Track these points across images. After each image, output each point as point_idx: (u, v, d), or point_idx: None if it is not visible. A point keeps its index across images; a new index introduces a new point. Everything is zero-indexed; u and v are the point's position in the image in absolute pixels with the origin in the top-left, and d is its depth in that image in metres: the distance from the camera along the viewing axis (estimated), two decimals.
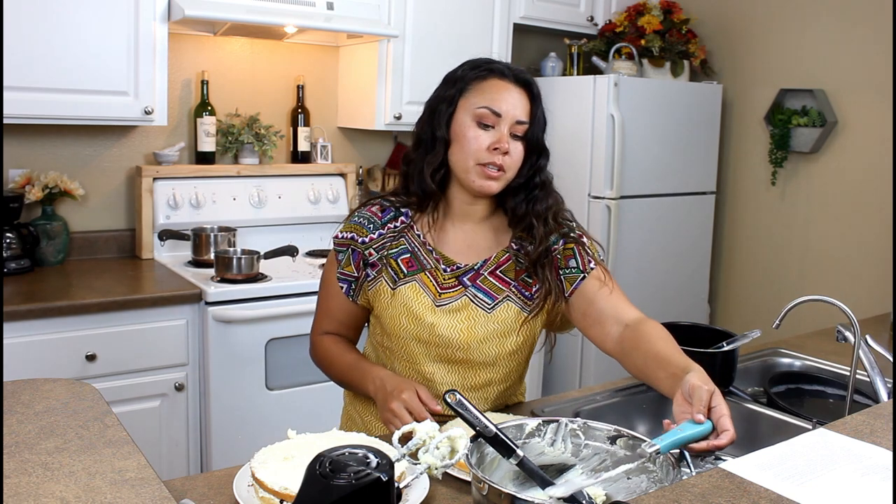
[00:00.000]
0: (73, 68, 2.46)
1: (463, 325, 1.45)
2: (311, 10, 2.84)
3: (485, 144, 1.41)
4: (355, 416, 1.61)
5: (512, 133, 1.42)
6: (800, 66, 3.50)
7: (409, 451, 1.01)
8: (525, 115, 1.43)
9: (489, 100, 1.42)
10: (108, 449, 1.05)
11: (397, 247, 1.48)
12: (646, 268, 3.50)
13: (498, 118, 1.41)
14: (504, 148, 1.40)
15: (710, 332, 1.81)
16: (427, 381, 1.48)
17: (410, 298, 1.45)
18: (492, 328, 1.46)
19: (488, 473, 1.13)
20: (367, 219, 1.50)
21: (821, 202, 3.48)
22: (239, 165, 3.07)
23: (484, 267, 1.48)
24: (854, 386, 1.57)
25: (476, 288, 1.47)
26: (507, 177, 1.44)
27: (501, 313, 1.46)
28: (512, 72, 1.46)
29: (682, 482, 0.95)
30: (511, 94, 1.43)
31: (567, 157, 3.45)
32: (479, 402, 1.50)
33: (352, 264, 1.49)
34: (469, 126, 1.42)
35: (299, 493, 0.86)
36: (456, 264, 1.48)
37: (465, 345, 1.45)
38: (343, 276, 1.50)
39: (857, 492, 0.93)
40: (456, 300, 1.45)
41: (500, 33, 3.35)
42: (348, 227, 1.51)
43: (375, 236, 1.48)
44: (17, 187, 2.64)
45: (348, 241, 1.50)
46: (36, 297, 2.32)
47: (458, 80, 1.47)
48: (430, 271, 1.47)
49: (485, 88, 1.44)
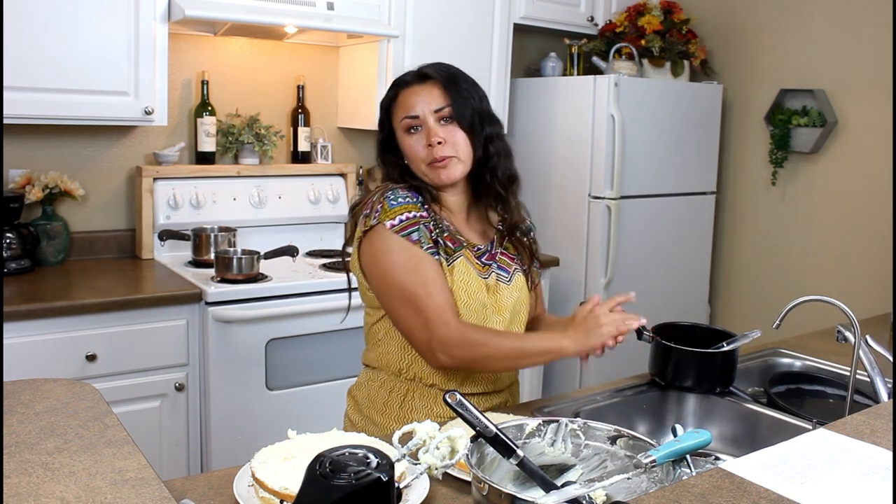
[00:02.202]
0: (73, 68, 2.46)
1: (495, 296, 1.56)
2: (311, 10, 2.84)
3: (420, 148, 1.53)
4: (358, 420, 1.62)
5: (441, 119, 1.53)
6: (800, 66, 3.50)
7: (409, 451, 1.01)
8: (440, 102, 1.53)
9: (404, 108, 1.54)
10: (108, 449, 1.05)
11: (439, 226, 1.54)
12: (646, 268, 3.50)
13: (417, 119, 1.53)
14: (434, 141, 1.51)
15: (710, 332, 1.81)
16: None
17: (464, 273, 1.53)
18: (515, 297, 1.59)
19: (488, 473, 1.13)
20: (409, 198, 1.51)
21: (821, 202, 3.48)
22: (239, 165, 3.07)
23: (494, 246, 1.62)
24: (854, 386, 1.57)
25: (496, 265, 1.60)
26: (460, 159, 1.54)
27: (517, 283, 1.61)
28: (414, 74, 1.57)
29: (682, 482, 0.95)
30: (417, 93, 1.54)
31: (567, 157, 3.45)
32: (504, 375, 1.62)
33: (430, 237, 1.50)
34: (403, 139, 1.55)
35: (299, 493, 0.86)
36: (476, 246, 1.59)
37: (500, 317, 1.56)
38: (431, 248, 1.49)
39: (857, 492, 0.93)
40: (489, 276, 1.58)
41: (500, 33, 3.35)
42: (403, 209, 1.49)
43: (424, 213, 1.52)
44: (17, 187, 2.64)
45: (416, 219, 1.49)
46: (36, 297, 2.32)
47: (382, 107, 1.60)
48: (468, 248, 1.57)
49: (399, 103, 1.56)
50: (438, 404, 1.55)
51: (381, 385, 1.59)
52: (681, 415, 1.70)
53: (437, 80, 1.54)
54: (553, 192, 3.52)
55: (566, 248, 3.46)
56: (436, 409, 1.55)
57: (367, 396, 1.61)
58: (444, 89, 1.54)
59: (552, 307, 3.44)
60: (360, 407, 1.63)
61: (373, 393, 1.60)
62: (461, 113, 1.53)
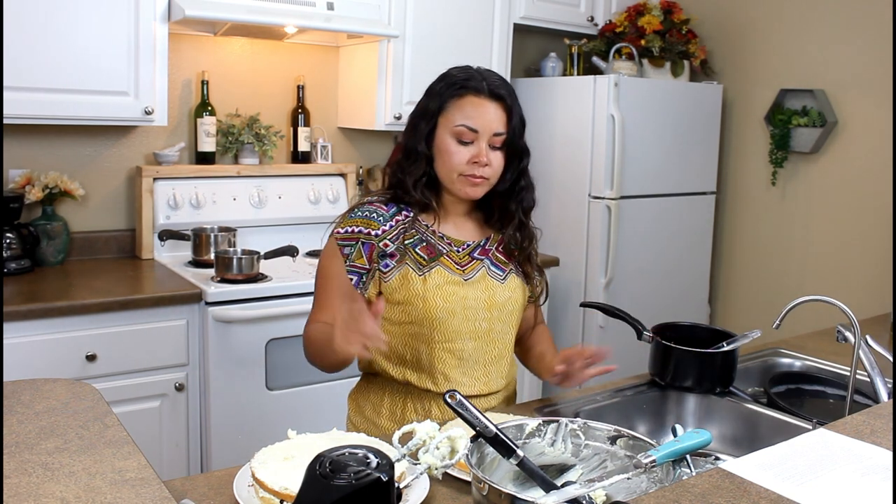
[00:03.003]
0: (73, 68, 2.46)
1: (485, 294, 1.56)
2: (311, 10, 2.84)
3: (465, 159, 1.51)
4: (360, 423, 1.62)
5: (491, 145, 1.52)
6: (800, 66, 3.50)
7: (409, 451, 1.01)
8: (502, 127, 1.53)
9: (466, 117, 1.51)
10: (108, 449, 1.05)
11: (412, 237, 1.54)
12: (646, 268, 3.50)
13: (475, 134, 1.51)
14: (483, 161, 1.51)
15: (710, 332, 1.81)
16: (458, 359, 1.55)
17: (440, 279, 1.53)
18: (507, 295, 1.59)
19: (488, 473, 1.13)
20: (375, 212, 1.55)
21: (821, 202, 3.48)
22: (239, 165, 3.07)
23: (489, 243, 1.62)
24: (854, 386, 1.57)
25: (489, 261, 1.60)
26: (490, 182, 1.55)
27: (511, 283, 1.61)
28: (487, 86, 1.53)
29: (682, 482, 0.95)
30: (487, 109, 1.52)
31: (567, 158, 3.45)
32: (497, 377, 1.61)
33: (363, 256, 1.53)
34: (449, 142, 1.52)
35: (299, 493, 0.86)
36: (465, 243, 1.60)
37: (488, 314, 1.56)
38: (354, 268, 1.54)
39: (857, 492, 0.93)
40: (477, 272, 1.57)
41: (500, 33, 3.35)
42: (354, 222, 1.55)
43: (388, 227, 1.54)
44: (17, 187, 2.64)
45: (356, 235, 1.54)
46: (36, 297, 2.32)
47: (437, 96, 1.55)
48: (448, 254, 1.56)
49: (461, 106, 1.52)
50: (436, 407, 1.56)
51: (379, 389, 1.61)
52: (681, 415, 1.70)
53: (506, 104, 1.53)
54: (553, 192, 3.52)
55: (566, 248, 3.46)
56: (434, 410, 1.56)
57: (367, 400, 1.63)
58: (508, 117, 1.53)
59: (552, 307, 3.44)
60: (361, 410, 1.64)
61: (372, 396, 1.62)
62: (512, 142, 1.55)
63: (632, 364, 1.85)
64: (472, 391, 1.57)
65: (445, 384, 1.55)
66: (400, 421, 1.57)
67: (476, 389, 1.57)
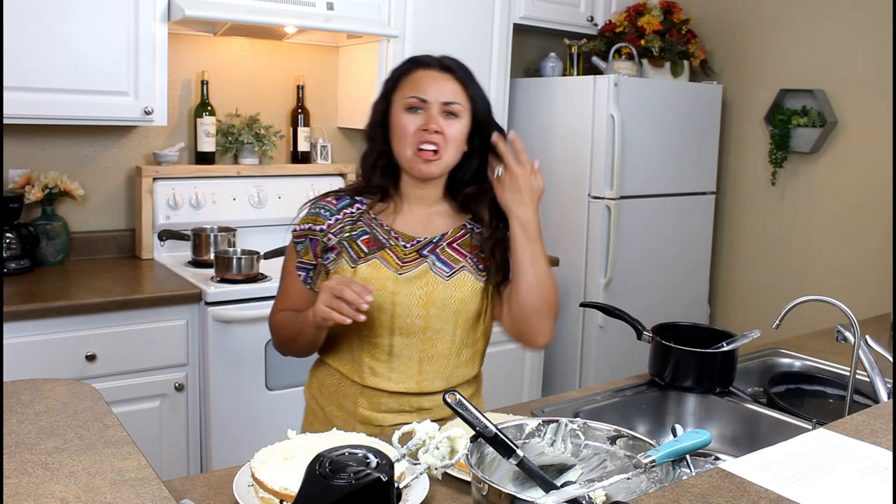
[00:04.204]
0: (73, 68, 2.46)
1: (422, 291, 1.51)
2: (311, 10, 2.84)
3: (415, 127, 1.49)
4: (317, 409, 1.62)
5: (446, 112, 1.50)
6: (800, 66, 3.50)
7: (409, 451, 1.01)
8: (453, 96, 1.51)
9: (415, 89, 1.51)
10: (108, 449, 1.05)
11: (356, 229, 1.54)
12: (646, 268, 3.50)
13: (425, 103, 1.50)
14: (433, 127, 1.48)
15: (710, 332, 1.81)
16: (387, 354, 1.53)
17: (371, 273, 1.50)
18: (449, 294, 1.52)
19: (488, 473, 1.13)
20: (323, 207, 1.56)
21: (821, 202, 3.48)
22: (239, 165, 3.07)
23: (442, 240, 1.56)
24: (854, 386, 1.57)
25: (435, 256, 1.54)
26: (445, 160, 1.51)
27: (459, 281, 1.53)
28: (437, 60, 1.54)
29: (682, 482, 0.95)
30: (435, 79, 1.52)
31: (567, 158, 3.45)
32: (433, 377, 1.55)
33: (310, 252, 1.55)
34: (400, 115, 1.51)
35: (299, 493, 0.86)
36: (415, 238, 1.55)
37: (424, 311, 1.51)
38: (302, 264, 1.57)
39: (857, 492, 0.93)
40: (418, 268, 1.52)
41: (500, 33, 3.35)
42: (305, 219, 1.57)
43: (332, 222, 1.54)
44: (17, 187, 2.64)
45: (306, 232, 1.56)
46: (36, 297, 2.32)
47: (390, 78, 1.57)
48: (391, 248, 1.53)
49: (411, 80, 1.53)
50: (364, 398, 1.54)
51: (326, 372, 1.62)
52: (680, 415, 1.70)
53: (457, 76, 1.53)
54: (553, 192, 3.52)
55: (566, 248, 3.46)
56: (361, 402, 1.54)
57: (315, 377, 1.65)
58: (461, 86, 1.52)
59: None
60: (309, 386, 1.66)
61: (319, 375, 1.64)
62: (477, 112, 1.53)
63: (632, 364, 1.86)
64: (400, 388, 1.53)
65: (372, 378, 1.53)
66: (339, 406, 1.57)
67: (405, 387, 1.53)
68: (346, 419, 1.56)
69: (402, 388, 1.53)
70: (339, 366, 1.58)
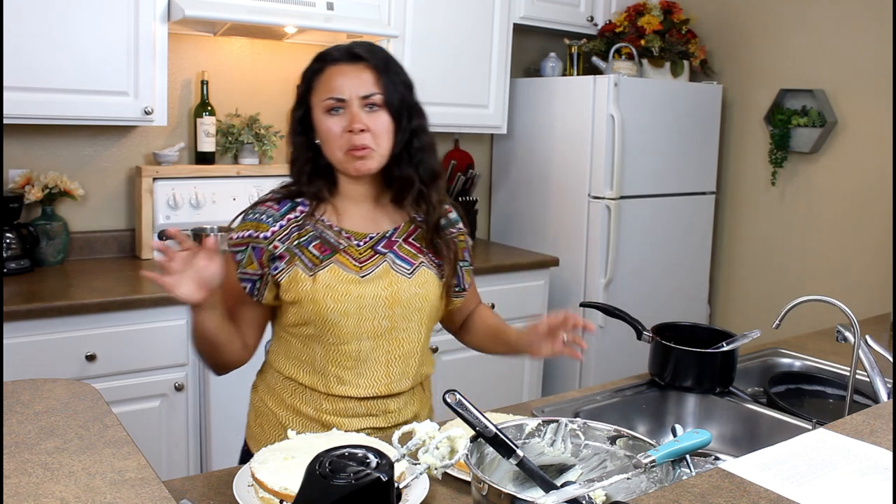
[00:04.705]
0: (73, 68, 2.46)
1: (387, 291, 1.46)
2: (311, 10, 2.84)
3: (339, 131, 1.43)
4: (268, 412, 1.55)
5: (367, 106, 1.43)
6: (800, 66, 3.50)
7: (409, 451, 1.01)
8: (370, 88, 1.43)
9: (329, 89, 1.44)
10: (107, 449, 1.05)
11: (305, 235, 1.45)
12: (646, 268, 3.50)
13: (343, 102, 1.43)
14: (357, 127, 1.41)
15: (710, 332, 1.81)
16: (354, 359, 1.46)
17: (332, 279, 1.43)
18: (413, 292, 1.48)
19: (488, 473, 1.13)
20: (264, 213, 1.47)
21: (821, 202, 3.48)
22: (239, 165, 3.07)
23: (396, 234, 1.51)
24: (854, 386, 1.57)
25: (394, 254, 1.49)
26: (379, 152, 1.45)
27: (420, 277, 1.50)
28: (346, 52, 1.46)
29: (682, 482, 0.95)
30: (347, 74, 1.44)
31: (567, 158, 3.45)
32: (401, 377, 1.50)
33: (254, 262, 1.45)
34: (323, 120, 1.44)
35: (299, 493, 0.86)
36: (368, 235, 1.49)
37: (390, 311, 1.46)
38: (245, 275, 1.46)
39: (857, 492, 0.93)
40: (377, 267, 1.47)
41: (500, 33, 3.35)
42: (244, 226, 1.47)
43: (277, 228, 1.46)
44: (17, 187, 2.64)
45: (246, 240, 1.46)
46: (36, 297, 2.32)
47: (302, 81, 1.49)
48: (345, 250, 1.46)
49: (324, 80, 1.45)
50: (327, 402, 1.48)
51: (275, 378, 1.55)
52: (680, 415, 1.70)
53: (369, 63, 1.44)
54: (553, 192, 3.52)
55: (566, 248, 3.46)
56: (325, 405, 1.48)
57: (263, 379, 1.58)
58: (376, 74, 1.44)
59: (552, 307, 3.44)
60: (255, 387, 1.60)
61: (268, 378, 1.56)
62: (392, 100, 1.44)
63: (632, 364, 1.85)
64: (369, 392, 1.47)
65: (339, 387, 1.46)
66: (297, 412, 1.50)
67: (374, 391, 1.47)
68: (304, 422, 1.49)
69: (371, 393, 1.47)
70: (300, 378, 1.49)
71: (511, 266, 3.20)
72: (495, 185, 3.83)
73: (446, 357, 2.97)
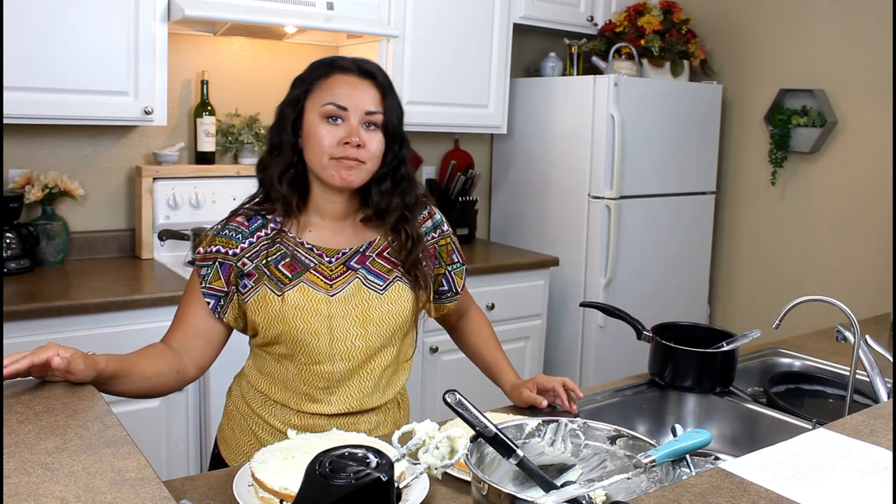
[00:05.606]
0: (73, 68, 2.46)
1: (358, 309, 1.42)
2: (311, 10, 2.84)
3: (335, 140, 1.38)
4: (239, 418, 1.53)
5: (367, 123, 1.40)
6: (800, 66, 3.50)
7: (409, 451, 1.01)
8: (375, 105, 1.41)
9: (334, 95, 1.40)
10: (107, 449, 1.04)
11: (275, 253, 1.42)
12: (646, 268, 3.50)
13: (345, 112, 1.39)
14: (355, 141, 1.38)
15: (710, 332, 1.81)
16: (327, 380, 1.43)
17: (301, 299, 1.40)
18: (385, 309, 1.44)
19: (488, 473, 1.13)
20: (234, 230, 1.44)
21: (821, 202, 3.48)
22: (239, 165, 3.07)
23: (370, 249, 1.47)
24: (854, 386, 1.57)
25: (366, 270, 1.45)
26: (367, 168, 1.41)
27: (394, 293, 1.46)
28: (356, 65, 1.44)
29: (682, 482, 0.95)
30: (356, 86, 1.41)
31: (566, 157, 3.45)
32: (372, 392, 1.47)
33: (221, 278, 1.42)
34: (317, 125, 1.40)
35: (299, 493, 0.86)
36: (340, 251, 1.45)
37: (363, 330, 1.42)
38: (210, 291, 1.43)
39: (857, 492, 0.93)
40: (348, 285, 1.43)
41: (500, 33, 3.35)
42: (213, 241, 1.44)
43: (246, 245, 1.42)
44: (17, 187, 2.64)
45: (214, 255, 1.42)
46: (36, 297, 2.32)
47: (303, 81, 1.45)
48: (315, 268, 1.43)
49: (329, 84, 1.42)
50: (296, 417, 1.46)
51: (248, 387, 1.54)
52: (680, 415, 1.70)
53: (377, 81, 1.42)
54: (553, 192, 3.52)
55: (566, 248, 3.46)
56: (293, 420, 1.46)
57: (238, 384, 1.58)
58: (381, 94, 1.42)
59: (552, 307, 3.44)
60: (230, 391, 1.60)
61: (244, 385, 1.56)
62: (390, 125, 1.42)
63: (632, 364, 1.85)
64: (341, 409, 1.44)
65: (310, 405, 1.44)
66: (266, 423, 1.48)
67: (346, 407, 1.45)
68: (273, 433, 1.47)
69: (343, 410, 1.45)
70: (272, 394, 1.48)
71: (511, 266, 3.20)
72: (495, 184, 3.83)
73: (446, 357, 2.97)
